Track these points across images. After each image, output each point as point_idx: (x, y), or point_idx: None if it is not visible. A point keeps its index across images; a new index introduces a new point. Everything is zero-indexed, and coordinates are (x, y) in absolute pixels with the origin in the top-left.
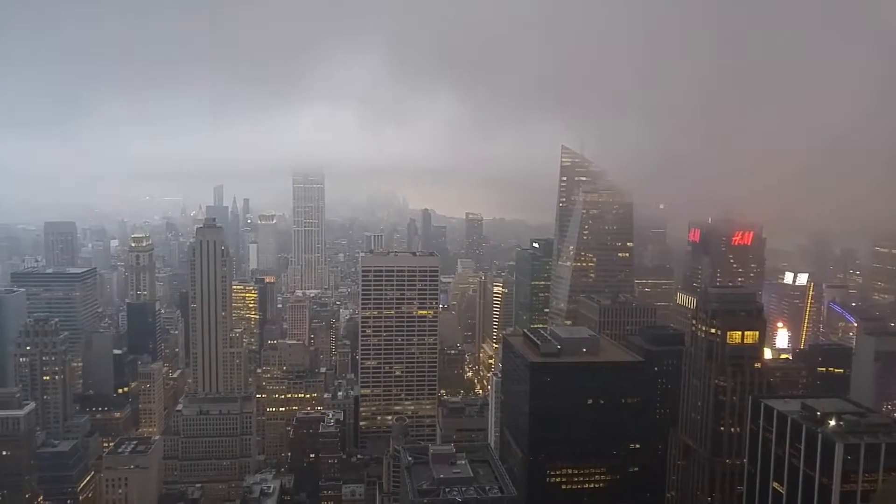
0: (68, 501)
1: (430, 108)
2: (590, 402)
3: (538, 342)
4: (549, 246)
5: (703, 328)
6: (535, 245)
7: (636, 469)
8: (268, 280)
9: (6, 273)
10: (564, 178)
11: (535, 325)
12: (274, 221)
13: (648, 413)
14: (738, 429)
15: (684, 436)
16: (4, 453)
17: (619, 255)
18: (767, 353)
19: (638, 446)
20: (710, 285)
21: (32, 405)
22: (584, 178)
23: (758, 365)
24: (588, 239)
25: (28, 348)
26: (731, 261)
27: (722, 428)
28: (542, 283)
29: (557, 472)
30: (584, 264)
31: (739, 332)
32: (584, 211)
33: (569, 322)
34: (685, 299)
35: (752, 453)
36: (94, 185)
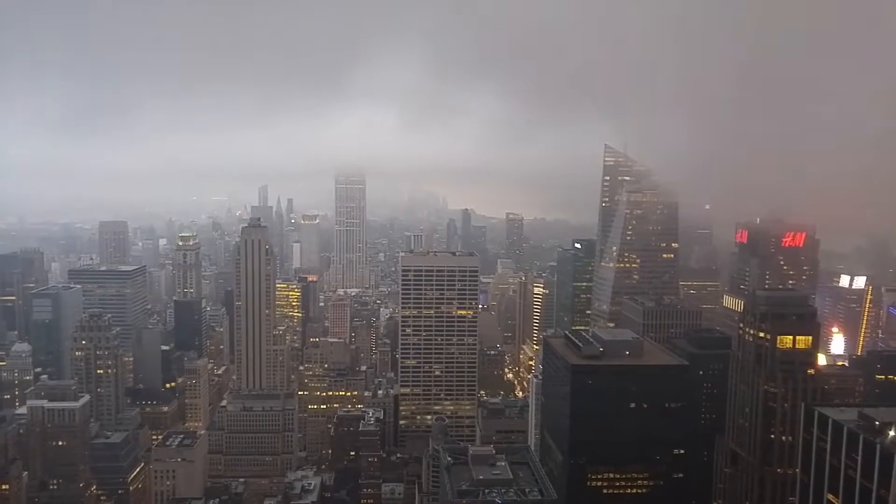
0: (119, 491)
1: (471, 106)
2: (632, 405)
3: (580, 344)
4: (592, 246)
5: (752, 332)
6: (577, 245)
7: (680, 475)
8: (310, 279)
9: (64, 270)
10: (607, 178)
11: (577, 327)
12: (317, 221)
13: (693, 418)
14: (789, 437)
15: (732, 443)
16: (61, 443)
17: (664, 256)
18: (822, 360)
19: (682, 452)
20: (759, 288)
21: (87, 397)
22: (627, 178)
23: (811, 371)
24: (632, 240)
25: (83, 342)
26: (782, 263)
27: (772, 436)
28: (584, 284)
29: (599, 476)
30: (628, 265)
31: (791, 337)
32: (628, 211)
33: (611, 324)
34: (732, 302)
35: (805, 463)
36: (145, 185)
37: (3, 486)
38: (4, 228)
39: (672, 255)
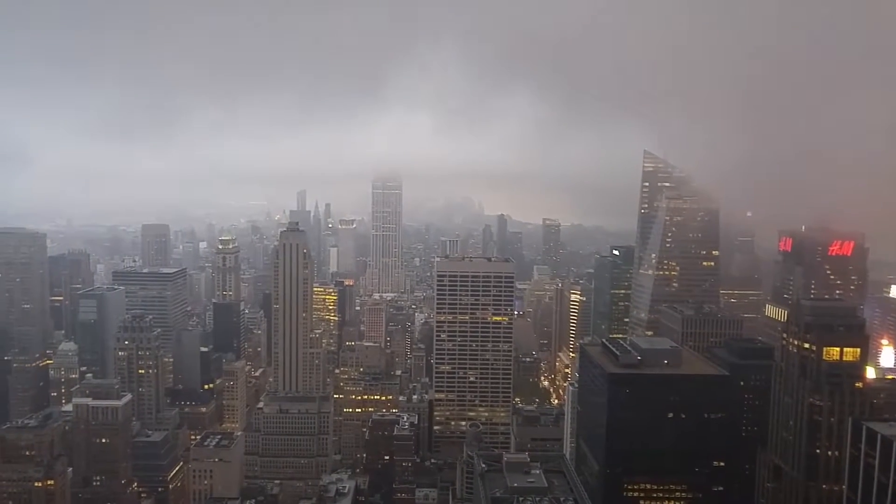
0: (160, 489)
1: (508, 110)
2: (670, 415)
3: (617, 352)
4: (630, 253)
5: (796, 343)
6: (615, 252)
7: (720, 488)
8: (347, 283)
9: (109, 271)
10: (647, 184)
11: (614, 335)
12: (353, 225)
13: (734, 430)
14: (836, 452)
15: (774, 456)
16: (104, 440)
17: (704, 263)
18: (871, 373)
19: (722, 464)
20: (804, 297)
21: (129, 396)
22: (667, 184)
23: (859, 384)
24: (671, 247)
25: (126, 343)
26: (828, 272)
27: (818, 450)
28: (622, 291)
29: (635, 487)
30: (667, 273)
31: (837, 349)
32: (668, 218)
33: (650, 333)
34: (775, 312)
35: (852, 479)
36: (186, 189)
37: (49, 482)
38: (54, 230)
39: (712, 263)
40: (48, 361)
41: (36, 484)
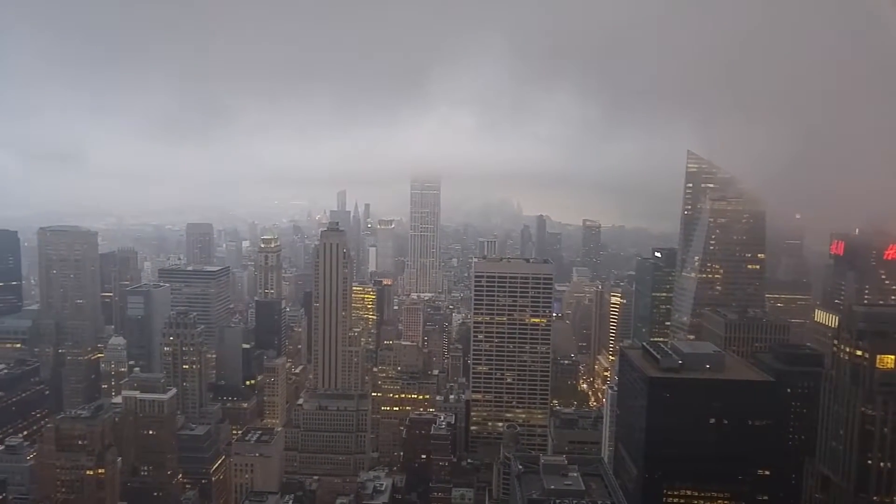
0: (203, 481)
1: (548, 109)
2: (712, 421)
3: (658, 356)
4: (672, 256)
5: (848, 350)
6: (657, 254)
7: (765, 498)
8: (385, 282)
9: (155, 269)
10: (690, 185)
11: (655, 339)
12: (392, 226)
13: (779, 438)
14: (888, 464)
15: (823, 466)
16: (151, 432)
17: (749, 267)
18: None
19: (767, 473)
20: (857, 303)
21: (174, 391)
22: (711, 185)
23: None
24: (715, 249)
25: (171, 339)
26: (883, 277)
27: (869, 461)
28: (664, 294)
29: (675, 493)
30: (710, 276)
31: (892, 357)
32: (711, 220)
33: (691, 336)
34: (825, 317)
35: None
36: (230, 189)
37: (100, 471)
38: (104, 229)
39: (758, 266)
40: (99, 355)
41: (88, 472)
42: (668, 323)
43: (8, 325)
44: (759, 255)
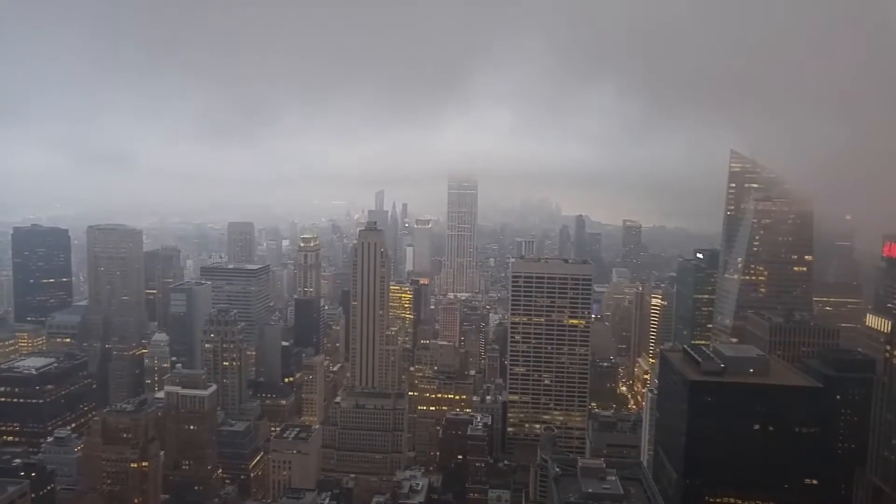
0: (242, 477)
1: (587, 108)
2: (756, 427)
3: (699, 359)
4: (715, 257)
5: None
6: (699, 255)
7: None
8: (422, 282)
9: (197, 267)
10: (733, 185)
11: (696, 342)
12: (429, 225)
13: (828, 446)
14: None
15: (874, 476)
16: (192, 427)
17: (795, 269)
18: None
19: (815, 482)
20: None
21: (214, 387)
22: (755, 185)
23: None
24: (759, 251)
25: (212, 335)
26: None
27: None
28: (706, 296)
29: (717, 500)
30: (754, 278)
31: None
32: (755, 220)
33: (734, 340)
34: (877, 322)
35: None
36: (271, 189)
37: (144, 463)
38: (148, 227)
39: (805, 269)
40: (143, 351)
41: (132, 465)
42: (709, 326)
43: (58, 321)
44: (806, 257)
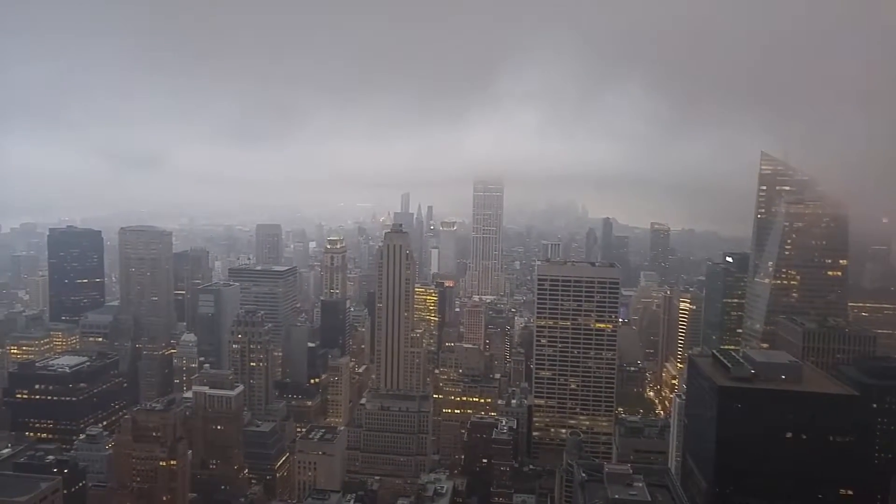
0: (267, 477)
1: (614, 109)
2: (788, 435)
3: (728, 365)
4: (745, 261)
5: None
6: (729, 259)
7: None
8: (447, 284)
9: (225, 268)
10: (764, 188)
11: (726, 347)
12: (455, 228)
13: (864, 456)
14: None
15: None
16: (219, 427)
17: (829, 273)
18: None
19: (850, 493)
20: None
21: (241, 387)
22: (787, 188)
23: None
24: (791, 254)
25: (239, 336)
26: None
27: None
28: (736, 300)
29: None
30: (786, 282)
31: None
32: (787, 223)
33: (765, 345)
34: None
35: None
36: (298, 191)
37: (172, 462)
38: (178, 229)
39: (840, 273)
40: (172, 351)
41: (161, 463)
42: (739, 330)
43: (92, 320)
44: (840, 261)
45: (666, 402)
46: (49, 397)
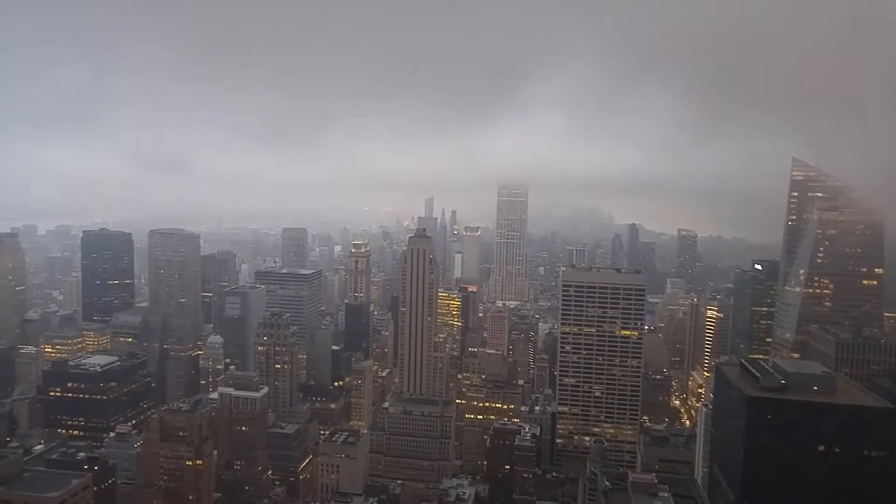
0: (291, 479)
1: (641, 113)
2: (821, 448)
3: (757, 374)
4: (775, 268)
5: None
6: (758, 267)
7: None
8: (470, 289)
9: (252, 271)
10: (795, 194)
11: (754, 356)
12: (478, 233)
13: None
14: None
15: None
16: (243, 429)
17: (864, 282)
18: None
19: None
20: None
21: (266, 389)
22: (819, 194)
23: None
24: (824, 262)
25: (265, 339)
26: None
27: None
28: (765, 309)
29: None
30: (818, 291)
31: None
32: (820, 231)
33: (796, 355)
34: None
35: None
36: (324, 195)
37: (198, 461)
38: (205, 232)
39: (875, 282)
40: (199, 352)
41: (187, 462)
42: (768, 340)
43: (122, 321)
44: (876, 270)
45: (692, 412)
46: (81, 395)
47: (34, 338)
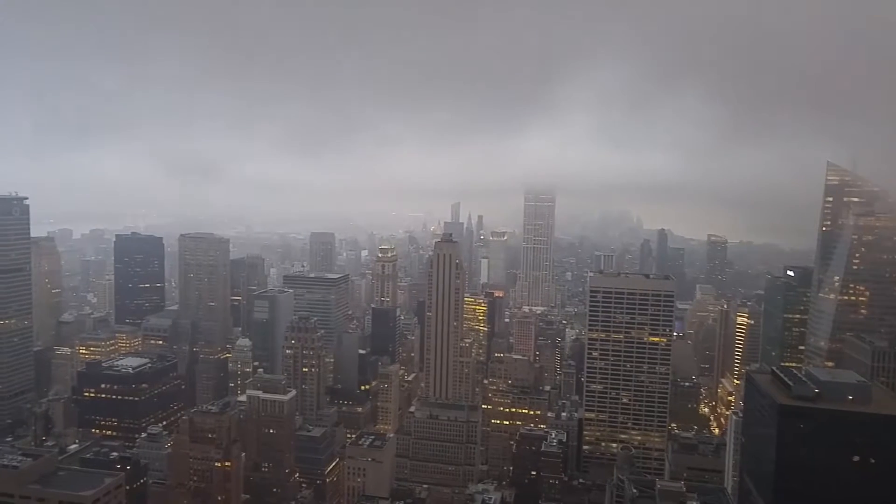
0: (318, 482)
1: (670, 118)
2: (856, 458)
3: (790, 382)
4: (808, 275)
5: None
6: (790, 273)
7: None
8: (497, 294)
9: (280, 275)
10: (830, 199)
11: (786, 364)
12: (505, 238)
13: None
14: None
15: None
16: (271, 431)
17: None
18: None
19: None
20: None
21: (293, 392)
22: (855, 199)
23: None
24: (859, 269)
25: (293, 342)
26: None
27: None
28: (797, 316)
29: None
30: (853, 298)
31: None
32: (855, 237)
33: (830, 363)
34: None
35: None
36: (351, 200)
37: (227, 463)
38: (235, 236)
39: None
40: (227, 355)
41: (216, 464)
42: (801, 347)
43: (153, 324)
44: None
45: (721, 420)
46: (114, 396)
47: (69, 339)
